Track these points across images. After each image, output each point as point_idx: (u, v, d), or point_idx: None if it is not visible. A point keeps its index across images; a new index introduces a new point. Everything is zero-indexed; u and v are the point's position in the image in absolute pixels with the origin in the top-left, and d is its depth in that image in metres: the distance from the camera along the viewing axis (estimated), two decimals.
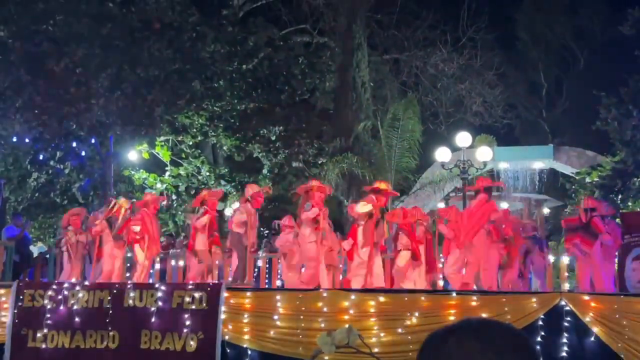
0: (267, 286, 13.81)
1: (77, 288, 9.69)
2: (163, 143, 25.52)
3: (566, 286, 12.57)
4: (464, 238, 10.52)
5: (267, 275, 14.59)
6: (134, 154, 24.57)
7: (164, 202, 18.30)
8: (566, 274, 12.88)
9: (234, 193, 26.16)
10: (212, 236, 11.50)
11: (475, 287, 10.17)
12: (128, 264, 12.79)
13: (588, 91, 23.35)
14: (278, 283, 13.69)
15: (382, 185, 11.52)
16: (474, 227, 10.52)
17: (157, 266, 13.59)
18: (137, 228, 11.37)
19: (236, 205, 26.05)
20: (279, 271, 14.10)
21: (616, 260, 11.14)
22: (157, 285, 9.76)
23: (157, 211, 12.72)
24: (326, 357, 8.09)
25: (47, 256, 17.01)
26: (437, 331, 1.64)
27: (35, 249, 20.77)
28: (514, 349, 1.56)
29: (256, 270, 14.16)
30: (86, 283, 10.25)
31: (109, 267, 11.48)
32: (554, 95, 36.28)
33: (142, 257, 11.41)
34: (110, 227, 11.97)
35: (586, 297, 8.36)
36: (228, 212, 26.12)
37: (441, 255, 12.12)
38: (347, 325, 4.57)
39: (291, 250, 11.81)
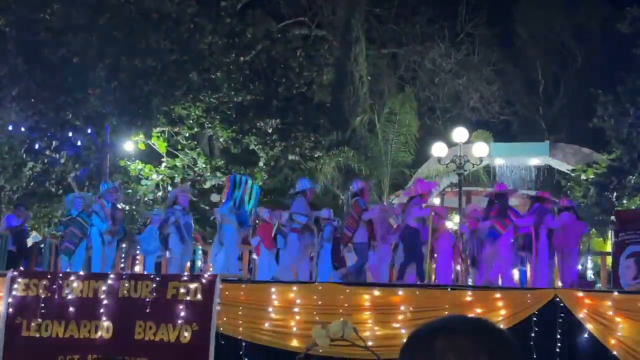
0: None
1: (72, 278, 9.67)
2: (159, 134, 25.46)
3: (559, 283, 12.63)
4: None
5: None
6: (130, 145, 24.51)
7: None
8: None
9: None
10: None
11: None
12: None
13: (585, 88, 23.38)
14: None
15: None
16: None
17: None
18: None
19: None
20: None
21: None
22: (152, 276, 9.76)
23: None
24: (320, 350, 8.11)
25: (42, 246, 17.01)
26: (422, 329, 1.59)
27: (29, 239, 20.74)
28: (504, 349, 1.54)
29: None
30: (80, 273, 10.25)
31: None
32: (551, 92, 36.27)
33: None
34: None
35: (580, 294, 8.38)
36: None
37: None
38: (342, 319, 4.59)
39: None
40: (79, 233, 12.50)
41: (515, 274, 12.62)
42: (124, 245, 13.83)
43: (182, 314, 9.09)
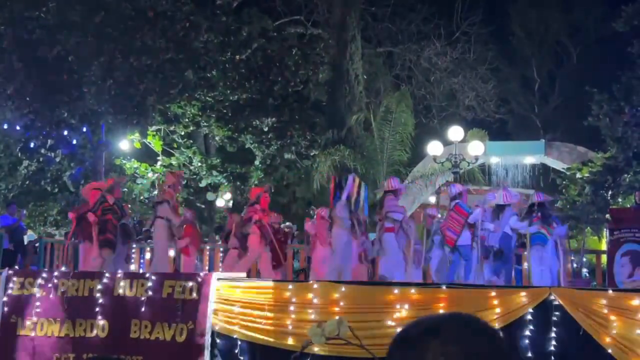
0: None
1: (67, 277, 9.67)
2: (155, 132, 25.45)
3: None
4: None
5: None
6: (125, 143, 24.49)
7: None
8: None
9: (226, 184, 26.17)
10: None
11: None
12: None
13: (580, 87, 23.40)
14: None
15: None
16: None
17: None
18: None
19: (228, 195, 26.12)
20: None
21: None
22: (147, 275, 9.76)
23: None
24: (316, 348, 8.12)
25: (37, 244, 17.01)
26: (412, 329, 1.56)
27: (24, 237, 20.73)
28: (497, 356, 1.53)
29: None
30: (76, 271, 10.24)
31: None
32: (547, 91, 36.37)
33: None
34: None
35: (575, 292, 8.40)
36: (220, 202, 26.14)
37: None
38: (337, 317, 4.59)
39: None
40: None
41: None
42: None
43: (178, 312, 9.09)
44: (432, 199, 27.57)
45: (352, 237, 11.23)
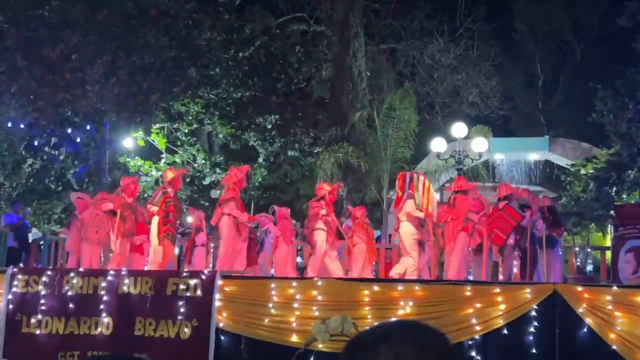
0: None
1: (72, 274, 9.68)
2: (158, 130, 25.46)
3: None
4: None
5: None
6: (129, 141, 24.52)
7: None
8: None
9: None
10: None
11: None
12: None
13: (584, 83, 23.37)
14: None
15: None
16: None
17: None
18: None
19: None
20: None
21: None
22: (151, 273, 9.77)
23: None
24: (320, 345, 8.12)
25: (42, 242, 17.03)
26: (363, 336, 1.58)
27: (29, 235, 20.79)
28: (448, 352, 1.55)
29: None
30: (81, 269, 10.25)
31: None
32: (550, 87, 36.30)
33: None
34: None
35: (579, 288, 8.39)
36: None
37: None
38: (341, 314, 4.59)
39: None
40: None
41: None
42: None
43: (182, 310, 9.10)
44: (437, 196, 27.59)
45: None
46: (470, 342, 8.25)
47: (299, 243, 14.82)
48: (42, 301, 9.51)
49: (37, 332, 9.43)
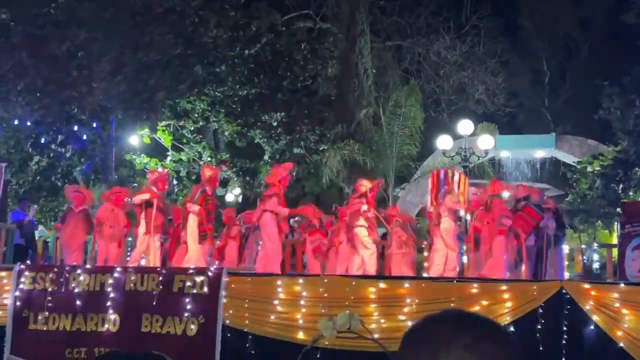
0: None
1: (79, 271, 9.70)
2: (164, 128, 25.51)
3: (566, 275, 12.64)
4: None
5: None
6: (135, 139, 24.57)
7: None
8: (565, 262, 12.96)
9: (235, 179, 26.20)
10: None
11: None
12: None
13: (591, 80, 23.30)
14: None
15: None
16: None
17: None
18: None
19: (237, 190, 26.17)
20: None
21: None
22: (158, 269, 9.78)
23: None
24: (326, 342, 8.13)
25: (48, 240, 17.08)
26: (418, 321, 1.69)
27: (35, 233, 20.86)
28: (489, 335, 1.61)
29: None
30: (87, 266, 10.28)
31: None
32: (557, 84, 36.16)
33: None
34: None
35: (587, 286, 8.36)
36: (229, 197, 26.18)
37: None
38: (348, 311, 4.59)
39: None
40: None
41: None
42: None
43: (189, 307, 9.11)
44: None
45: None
46: None
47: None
48: (49, 298, 9.53)
49: (45, 328, 9.45)
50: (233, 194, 26.05)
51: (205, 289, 9.15)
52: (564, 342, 8.03)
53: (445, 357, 1.57)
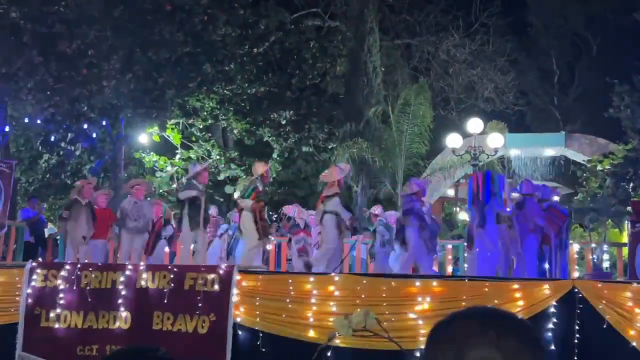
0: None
1: (90, 269, 9.74)
2: (174, 126, 25.57)
3: (576, 273, 12.62)
4: None
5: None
6: (144, 137, 24.63)
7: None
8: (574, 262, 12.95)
9: (244, 177, 26.22)
10: None
11: None
12: None
13: (600, 78, 23.20)
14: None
15: None
16: None
17: None
18: None
19: None
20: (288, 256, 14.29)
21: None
22: (169, 267, 9.80)
23: None
24: (337, 341, 8.13)
25: (58, 237, 17.15)
26: (444, 318, 1.70)
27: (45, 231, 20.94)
28: (516, 333, 1.61)
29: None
30: (99, 264, 10.32)
31: None
32: (566, 82, 36.04)
33: None
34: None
35: (599, 285, 8.33)
36: (237, 195, 26.22)
37: None
38: (364, 309, 4.59)
39: None
40: None
41: None
42: None
43: (200, 304, 9.12)
44: (451, 192, 27.53)
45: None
46: None
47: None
48: (61, 295, 9.57)
49: (56, 326, 9.49)
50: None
51: (216, 287, 9.16)
52: (576, 341, 8.00)
53: (471, 354, 1.57)
